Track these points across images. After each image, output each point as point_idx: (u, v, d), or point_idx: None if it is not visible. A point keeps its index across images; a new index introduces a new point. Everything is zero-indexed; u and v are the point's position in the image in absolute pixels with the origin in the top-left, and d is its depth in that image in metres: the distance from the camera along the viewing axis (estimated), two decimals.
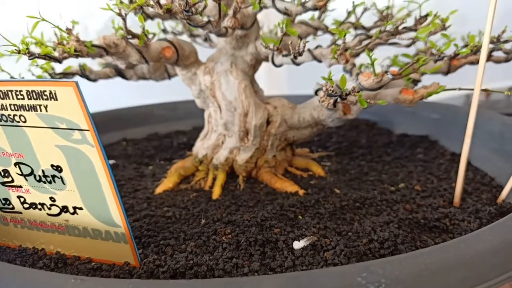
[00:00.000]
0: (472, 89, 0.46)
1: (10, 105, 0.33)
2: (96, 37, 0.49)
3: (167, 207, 0.52)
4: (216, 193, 0.56)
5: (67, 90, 0.30)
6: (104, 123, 0.85)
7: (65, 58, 0.44)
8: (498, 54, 0.59)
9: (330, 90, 0.42)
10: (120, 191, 0.57)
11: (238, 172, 0.59)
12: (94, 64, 0.65)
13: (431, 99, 0.53)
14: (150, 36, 0.48)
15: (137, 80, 0.65)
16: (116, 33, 0.52)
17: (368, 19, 0.61)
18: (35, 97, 0.32)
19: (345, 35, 0.43)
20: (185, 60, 0.59)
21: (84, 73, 0.60)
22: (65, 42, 0.44)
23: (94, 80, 0.62)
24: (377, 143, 0.75)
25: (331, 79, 0.42)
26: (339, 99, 0.43)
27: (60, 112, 0.32)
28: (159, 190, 0.57)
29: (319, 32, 0.63)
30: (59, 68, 0.60)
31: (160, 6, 0.40)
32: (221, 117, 0.59)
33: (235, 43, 0.58)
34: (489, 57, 0.58)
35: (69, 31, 0.46)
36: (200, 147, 0.63)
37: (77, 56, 0.45)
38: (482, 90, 0.46)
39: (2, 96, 0.33)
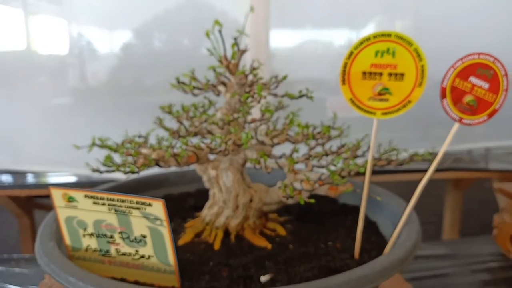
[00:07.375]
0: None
1: (124, 205, 0.68)
2: None
3: (189, 253, 0.86)
4: (217, 245, 0.90)
5: (158, 203, 0.65)
6: (134, 186, 1.20)
7: (142, 170, 0.79)
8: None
9: (284, 195, 0.78)
10: None
11: (231, 231, 0.94)
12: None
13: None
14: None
15: (169, 168, 1.00)
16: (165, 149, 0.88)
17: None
18: (141, 203, 0.67)
19: (293, 164, 0.79)
20: (201, 160, 0.95)
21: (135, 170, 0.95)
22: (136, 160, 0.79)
23: (138, 172, 0.97)
24: (325, 209, 1.11)
25: (285, 189, 0.78)
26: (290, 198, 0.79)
27: (152, 211, 0.67)
28: (181, 242, 0.91)
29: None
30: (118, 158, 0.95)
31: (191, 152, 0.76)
32: (222, 196, 0.95)
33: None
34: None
35: (138, 153, 0.82)
36: (207, 214, 0.98)
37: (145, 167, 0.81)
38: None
39: (121, 201, 0.68)
